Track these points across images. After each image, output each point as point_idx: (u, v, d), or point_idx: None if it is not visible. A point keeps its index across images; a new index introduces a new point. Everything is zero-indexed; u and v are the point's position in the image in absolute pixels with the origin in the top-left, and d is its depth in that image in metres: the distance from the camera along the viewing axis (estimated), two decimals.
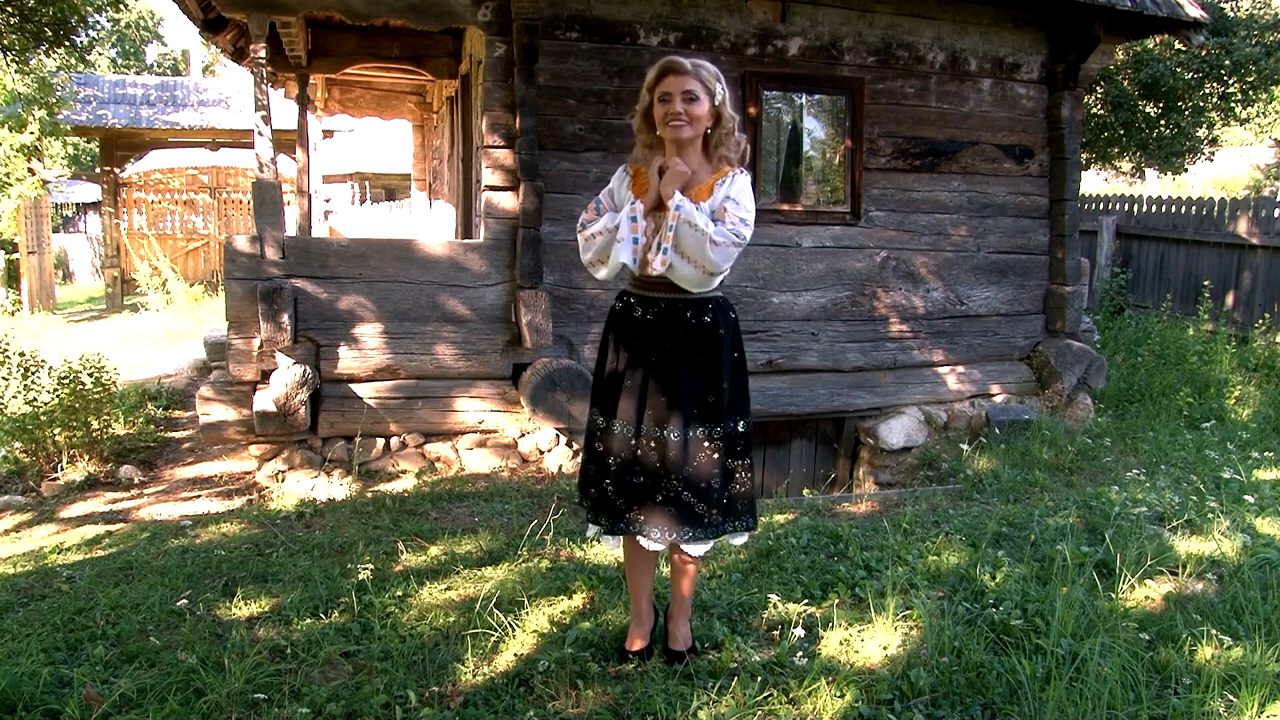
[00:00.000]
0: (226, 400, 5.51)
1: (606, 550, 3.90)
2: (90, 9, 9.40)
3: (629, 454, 2.70)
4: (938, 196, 6.78)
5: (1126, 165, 13.39)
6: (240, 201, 16.94)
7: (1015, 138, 6.98)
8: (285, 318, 5.31)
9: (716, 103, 2.65)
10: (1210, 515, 4.32)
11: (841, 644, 3.01)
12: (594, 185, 5.71)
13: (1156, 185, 19.88)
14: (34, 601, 3.56)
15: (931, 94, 6.68)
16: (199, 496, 5.69)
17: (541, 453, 5.97)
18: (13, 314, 13.90)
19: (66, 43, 9.03)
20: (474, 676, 2.82)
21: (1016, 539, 4.12)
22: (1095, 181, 21.47)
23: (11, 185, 12.95)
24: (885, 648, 2.95)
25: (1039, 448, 6.11)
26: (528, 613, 3.26)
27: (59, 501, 5.66)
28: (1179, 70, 11.17)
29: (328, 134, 14.86)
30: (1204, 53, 10.98)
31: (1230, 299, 9.71)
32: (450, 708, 2.63)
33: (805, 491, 6.20)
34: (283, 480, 5.65)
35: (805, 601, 3.38)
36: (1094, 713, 2.54)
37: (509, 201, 5.73)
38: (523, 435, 5.96)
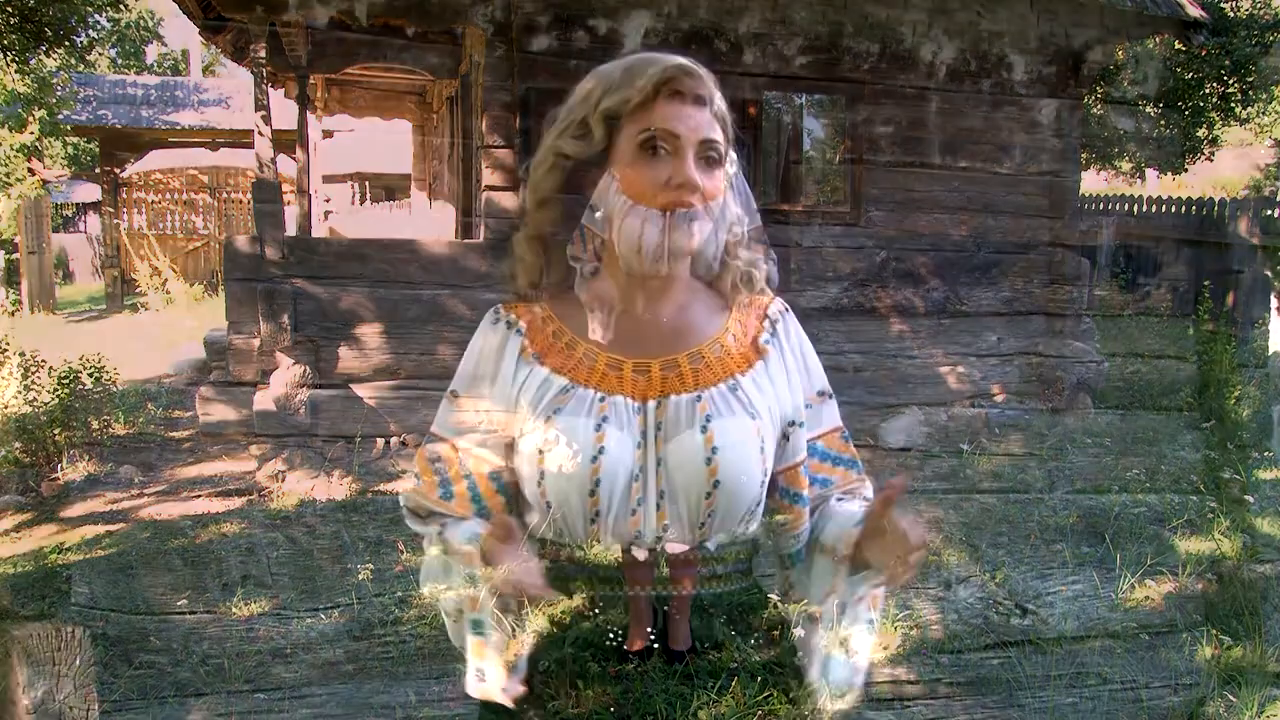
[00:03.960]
0: (226, 400, 5.51)
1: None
2: (90, 9, 9.38)
3: None
4: (937, 196, 6.78)
5: (1126, 165, 13.40)
6: (240, 201, 16.92)
7: (1015, 138, 6.97)
8: (285, 318, 5.31)
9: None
10: (1210, 515, 4.32)
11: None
12: None
13: (1156, 185, 19.87)
14: (33, 602, 3.56)
15: (931, 94, 6.68)
16: (199, 496, 5.68)
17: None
18: (13, 314, 13.89)
19: (66, 43, 9.02)
20: None
21: (1016, 538, 4.11)
22: (1095, 181, 21.47)
23: (11, 185, 12.95)
24: (885, 648, 2.95)
25: (1039, 448, 6.10)
26: (527, 612, 3.25)
27: (59, 501, 5.65)
28: (1179, 70, 11.16)
29: (328, 134, 14.84)
30: (1204, 53, 10.97)
31: (1230, 299, 9.70)
32: (450, 708, 2.63)
33: None
34: (283, 480, 5.64)
35: (805, 601, 3.37)
36: (1094, 713, 2.54)
37: (509, 201, 5.73)
38: None
